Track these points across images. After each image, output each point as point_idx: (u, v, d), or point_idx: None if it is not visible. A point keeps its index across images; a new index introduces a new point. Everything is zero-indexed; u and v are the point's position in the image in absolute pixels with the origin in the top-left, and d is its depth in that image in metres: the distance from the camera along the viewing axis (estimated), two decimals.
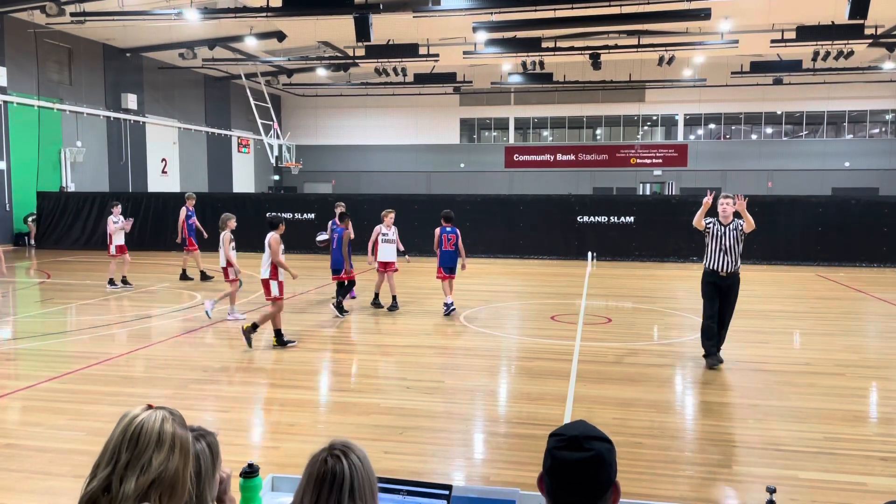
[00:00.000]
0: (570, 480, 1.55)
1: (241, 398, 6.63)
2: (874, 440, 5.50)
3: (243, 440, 5.52)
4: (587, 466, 1.54)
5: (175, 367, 7.81)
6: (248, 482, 2.31)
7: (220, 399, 6.58)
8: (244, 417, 6.14)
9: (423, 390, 6.77)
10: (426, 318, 10.66)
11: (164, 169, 29.11)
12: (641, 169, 34.47)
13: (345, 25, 18.86)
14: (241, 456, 4.64)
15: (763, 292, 13.78)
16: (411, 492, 2.29)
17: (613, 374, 7.42)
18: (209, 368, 7.62)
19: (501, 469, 4.89)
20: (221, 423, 5.88)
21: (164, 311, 11.09)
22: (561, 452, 1.56)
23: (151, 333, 9.55)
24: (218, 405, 6.38)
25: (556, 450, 1.57)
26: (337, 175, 36.82)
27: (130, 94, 26.61)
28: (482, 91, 33.05)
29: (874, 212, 18.19)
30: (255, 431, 5.88)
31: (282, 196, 27.84)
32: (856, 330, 10.39)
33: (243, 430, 5.79)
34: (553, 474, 1.57)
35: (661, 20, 19.15)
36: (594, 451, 1.56)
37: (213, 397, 6.62)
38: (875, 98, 32.26)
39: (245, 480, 2.31)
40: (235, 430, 5.69)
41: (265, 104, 31.33)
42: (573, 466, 1.55)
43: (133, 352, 8.36)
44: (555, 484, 1.57)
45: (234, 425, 5.81)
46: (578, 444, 1.56)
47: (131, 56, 26.63)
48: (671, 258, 18.19)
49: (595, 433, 1.60)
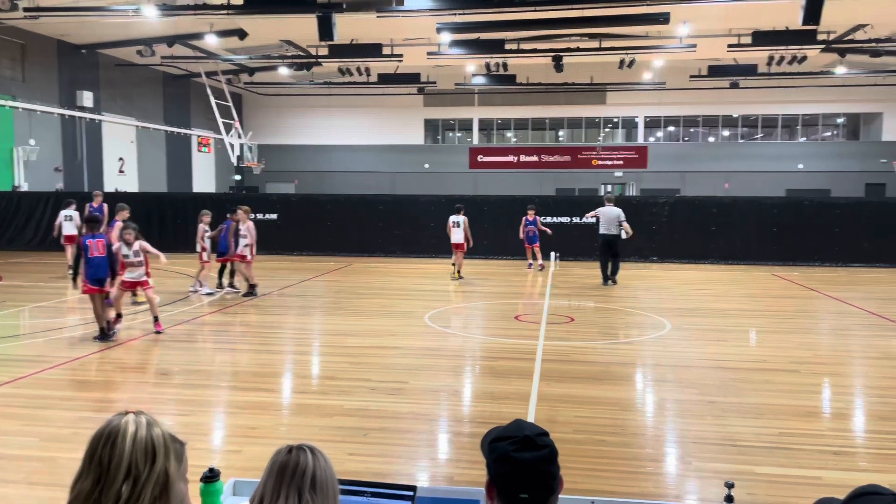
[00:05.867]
0: (531, 479, 1.56)
1: (200, 401, 6.51)
2: (827, 435, 5.66)
3: (204, 444, 5.43)
4: (545, 463, 1.57)
5: (132, 371, 7.65)
6: (209, 487, 2.28)
7: (180, 403, 6.46)
8: (204, 421, 6.04)
9: (388, 391, 6.75)
10: (391, 319, 10.63)
11: (121, 168, 28.49)
12: (603, 170, 34.89)
13: (308, 24, 18.70)
14: (201, 460, 4.55)
15: (720, 291, 14.08)
16: (375, 493, 2.28)
17: (576, 373, 7.49)
18: (167, 372, 7.48)
19: (466, 469, 4.90)
20: (181, 427, 5.78)
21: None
22: (520, 454, 1.57)
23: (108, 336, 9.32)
24: (177, 409, 6.26)
25: (514, 452, 1.57)
26: (300, 175, 36.48)
27: (86, 92, 25.96)
28: (446, 92, 33.10)
29: (827, 213, 18.71)
30: (215, 435, 5.79)
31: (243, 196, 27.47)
32: (809, 328, 10.67)
33: (204, 434, 5.70)
34: (512, 476, 1.57)
35: (621, 24, 19.42)
36: (549, 446, 1.59)
37: (171, 401, 6.49)
38: (827, 102, 33.19)
39: (206, 485, 2.27)
40: (195, 434, 5.59)
41: (226, 103, 30.89)
42: (534, 465, 1.56)
43: (89, 355, 8.16)
44: (514, 486, 1.57)
45: (193, 429, 5.71)
46: (533, 442, 1.58)
47: (87, 52, 26.00)
48: (632, 258, 18.43)
49: (539, 429, 1.63)
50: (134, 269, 9.29)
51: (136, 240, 9.26)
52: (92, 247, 8.92)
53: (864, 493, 1.37)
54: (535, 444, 1.58)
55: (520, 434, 1.60)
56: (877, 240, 18.12)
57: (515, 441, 1.59)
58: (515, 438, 1.59)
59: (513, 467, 1.57)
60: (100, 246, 8.97)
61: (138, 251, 9.29)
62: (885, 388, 7.16)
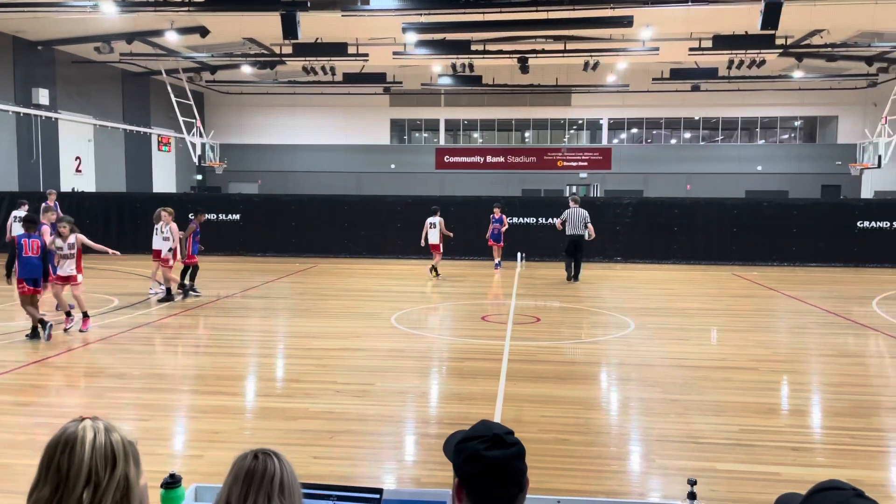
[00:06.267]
0: (502, 476, 1.58)
1: (161, 406, 6.38)
2: (786, 431, 5.78)
3: (165, 449, 5.32)
4: (516, 459, 1.60)
5: (91, 375, 7.47)
6: (170, 493, 2.22)
7: (140, 407, 6.31)
8: (165, 426, 5.92)
9: (354, 393, 6.70)
10: (356, 321, 10.57)
11: (78, 167, 27.81)
12: (568, 172, 35.19)
13: (271, 22, 18.47)
14: (162, 466, 4.47)
15: (682, 291, 14.31)
16: (341, 497, 2.26)
17: (542, 373, 7.53)
18: (127, 376, 7.32)
19: (433, 470, 4.88)
20: (141, 432, 5.65)
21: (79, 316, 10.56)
22: (490, 452, 1.58)
23: (65, 340, 9.10)
24: (137, 414, 6.12)
25: (485, 451, 1.58)
26: (263, 175, 36.03)
27: (42, 89, 25.27)
28: (412, 92, 33.02)
29: (784, 213, 19.15)
30: (177, 440, 5.68)
31: (205, 196, 27.06)
32: (768, 326, 10.90)
33: (165, 439, 5.58)
34: (483, 475, 1.57)
35: (585, 26, 19.59)
36: (517, 444, 1.62)
37: (131, 405, 6.35)
38: (785, 105, 33.97)
39: (166, 491, 2.22)
40: (156, 438, 5.48)
41: (187, 101, 30.36)
42: (505, 462, 1.58)
43: (46, 359, 7.94)
44: (485, 484, 1.57)
45: (154, 434, 5.59)
46: (502, 441, 1.60)
47: (43, 49, 25.31)
48: (596, 258, 18.64)
49: (506, 429, 1.65)
50: (66, 262, 9.37)
51: (71, 233, 9.30)
52: (27, 246, 8.95)
53: (824, 488, 1.39)
54: (504, 442, 1.60)
55: (489, 433, 1.61)
56: (832, 240, 18.62)
57: (485, 440, 1.60)
58: (485, 437, 1.60)
59: (484, 466, 1.57)
60: (34, 246, 9.00)
61: (73, 244, 9.39)
62: (840, 385, 7.34)
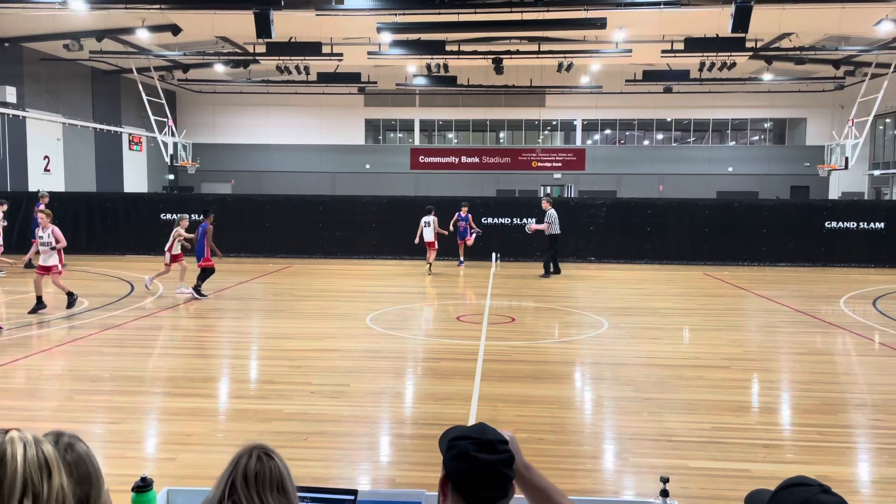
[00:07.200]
0: (488, 479, 1.62)
1: (132, 408, 6.28)
2: (757, 429, 5.87)
3: (136, 453, 5.24)
4: (504, 465, 1.64)
5: (60, 378, 7.33)
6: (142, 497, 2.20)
7: (110, 410, 6.21)
8: (136, 429, 5.83)
9: (328, 394, 6.67)
10: (331, 321, 10.52)
11: (46, 167, 27.30)
12: (542, 172, 35.39)
13: (244, 21, 18.32)
14: (133, 469, 4.40)
15: (655, 291, 14.46)
16: (316, 498, 2.25)
17: (517, 372, 7.56)
18: (97, 378, 7.20)
19: (408, 471, 4.88)
20: (112, 435, 5.57)
21: (48, 317, 10.38)
22: (480, 454, 1.62)
23: (33, 342, 8.93)
24: (107, 417, 6.02)
25: (475, 452, 1.63)
26: (237, 175, 35.70)
27: (9, 87, 24.76)
28: (387, 92, 32.95)
29: (755, 214, 19.46)
30: (148, 443, 5.59)
31: (177, 196, 26.71)
32: (739, 325, 11.07)
33: (136, 442, 5.50)
34: (470, 475, 1.62)
35: (559, 27, 19.72)
36: (507, 452, 1.67)
37: (102, 408, 6.24)
38: (755, 107, 34.54)
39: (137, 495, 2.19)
40: (127, 441, 5.40)
41: (159, 100, 29.96)
42: (492, 466, 1.62)
43: (13, 362, 7.78)
44: (471, 483, 1.61)
45: (125, 437, 5.51)
46: (493, 446, 1.65)
47: (10, 46, 24.80)
48: (570, 258, 18.76)
49: (502, 437, 1.70)
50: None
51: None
52: None
53: (792, 484, 1.42)
54: (495, 448, 1.65)
55: (482, 437, 1.66)
56: (801, 240, 18.96)
57: (477, 442, 1.65)
58: (478, 440, 1.65)
59: (472, 466, 1.62)
60: None
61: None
62: (809, 383, 7.48)
